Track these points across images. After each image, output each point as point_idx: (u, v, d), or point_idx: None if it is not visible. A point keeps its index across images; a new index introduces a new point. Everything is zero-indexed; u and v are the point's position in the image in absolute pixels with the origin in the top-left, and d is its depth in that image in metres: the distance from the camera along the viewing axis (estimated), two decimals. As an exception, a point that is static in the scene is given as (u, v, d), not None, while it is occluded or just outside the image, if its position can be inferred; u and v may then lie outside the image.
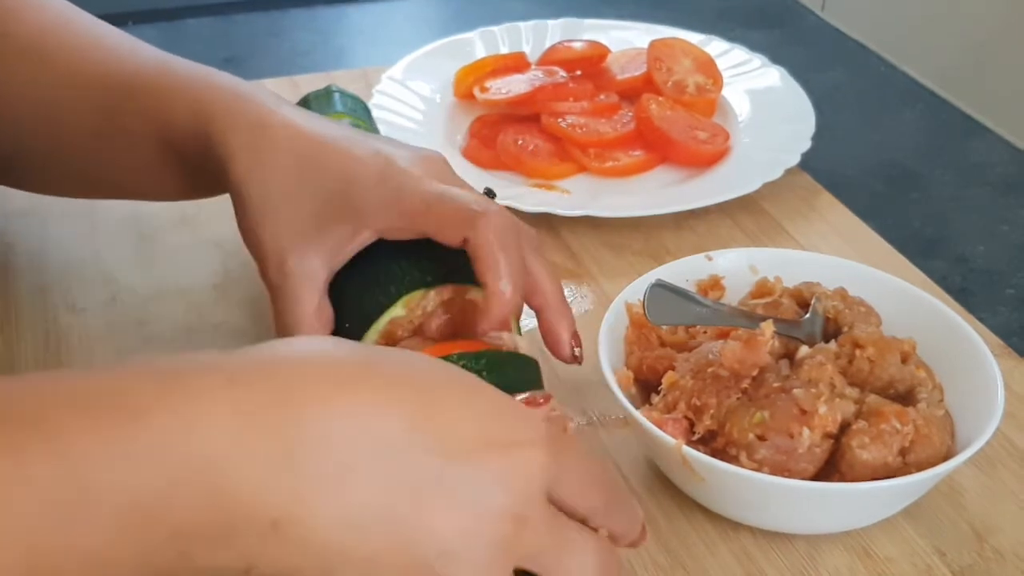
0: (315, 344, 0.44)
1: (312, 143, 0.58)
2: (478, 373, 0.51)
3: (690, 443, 0.57)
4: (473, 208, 0.55)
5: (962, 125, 1.00)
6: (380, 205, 0.56)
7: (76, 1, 0.69)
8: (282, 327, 0.57)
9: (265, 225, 0.57)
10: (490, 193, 0.59)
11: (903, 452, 0.57)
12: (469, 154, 0.89)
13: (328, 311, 0.57)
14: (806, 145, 0.88)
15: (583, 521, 0.45)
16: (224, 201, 0.64)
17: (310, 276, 0.56)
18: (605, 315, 0.64)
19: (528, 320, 0.72)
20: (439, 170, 0.59)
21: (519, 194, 0.83)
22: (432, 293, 0.58)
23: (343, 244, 0.57)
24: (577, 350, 0.60)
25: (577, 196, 0.85)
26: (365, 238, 0.57)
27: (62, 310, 0.73)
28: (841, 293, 0.65)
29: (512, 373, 0.55)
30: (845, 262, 0.70)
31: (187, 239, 0.80)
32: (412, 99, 0.94)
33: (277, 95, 0.62)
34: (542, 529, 0.42)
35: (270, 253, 0.57)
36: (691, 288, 0.67)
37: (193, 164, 0.61)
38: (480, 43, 1.02)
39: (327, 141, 0.58)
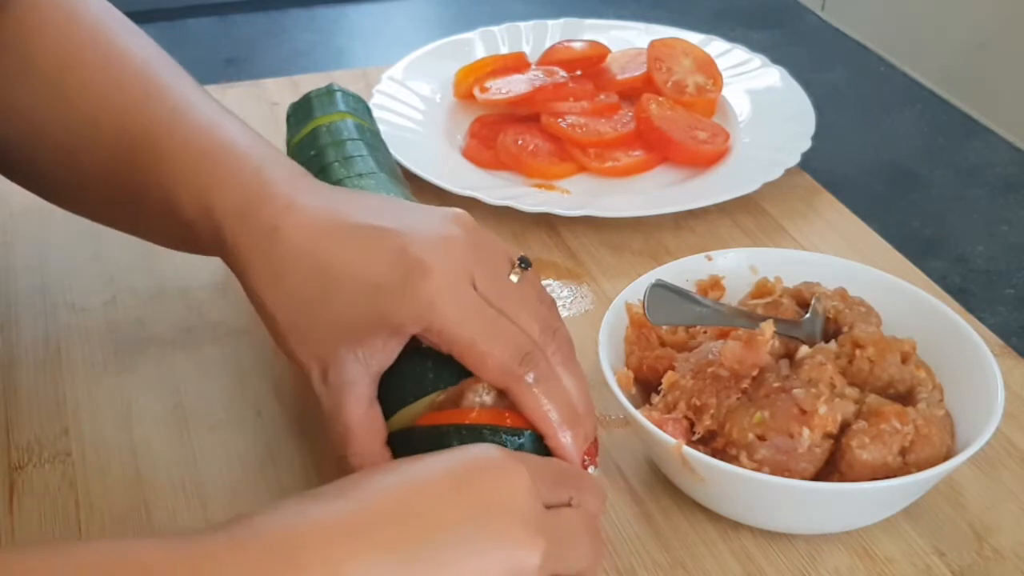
0: (302, 514, 0.43)
1: (330, 247, 0.54)
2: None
3: (690, 443, 0.57)
4: (515, 362, 0.52)
5: (962, 125, 1.00)
6: (412, 316, 0.52)
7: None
8: (333, 434, 0.55)
9: (296, 341, 0.55)
10: (524, 262, 0.56)
11: (903, 452, 0.57)
12: (469, 154, 0.89)
13: (377, 417, 0.54)
14: (806, 145, 0.88)
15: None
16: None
17: (352, 384, 0.54)
18: (605, 315, 0.64)
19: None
20: (466, 251, 0.54)
21: (519, 194, 0.83)
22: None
23: (379, 350, 0.54)
24: (591, 468, 0.55)
25: (577, 196, 0.85)
26: (402, 340, 0.54)
27: (62, 310, 0.73)
28: (841, 293, 0.65)
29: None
30: (845, 262, 0.70)
31: (187, 239, 0.80)
32: (412, 99, 0.94)
33: (291, 166, 0.58)
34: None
35: (309, 366, 0.55)
36: (691, 288, 0.67)
37: (200, 244, 0.58)
38: (480, 43, 1.02)
39: (345, 243, 0.54)
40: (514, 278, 0.55)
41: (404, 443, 0.54)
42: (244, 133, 0.59)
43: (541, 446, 0.53)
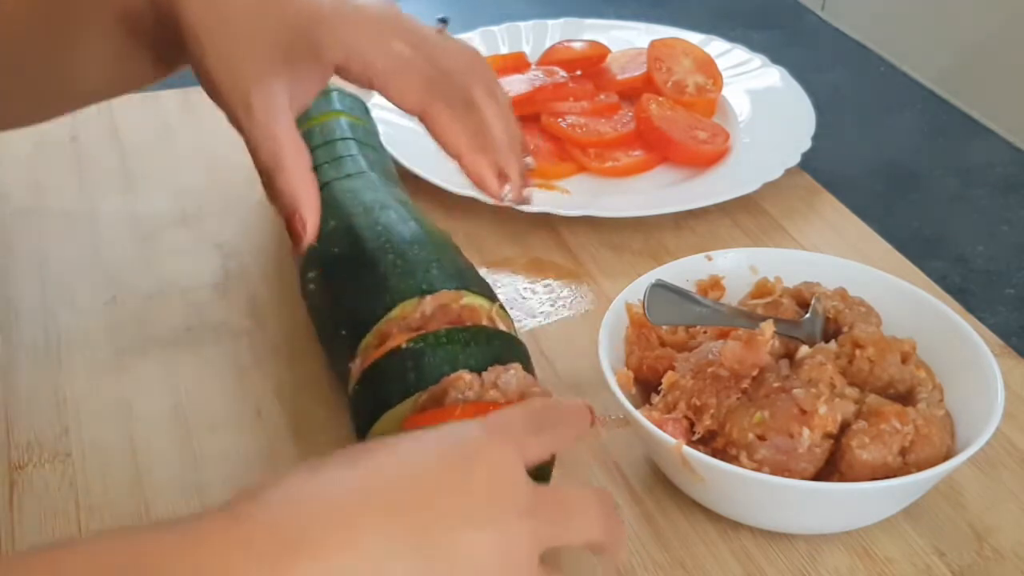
0: (311, 486, 0.44)
1: None
2: (464, 344, 0.55)
3: (690, 443, 0.57)
4: (427, 89, 0.57)
5: (962, 125, 1.00)
6: (337, 42, 0.56)
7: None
8: (260, 164, 0.57)
9: (224, 63, 0.56)
10: (444, 21, 0.62)
11: (903, 452, 0.57)
12: (469, 154, 0.89)
13: (300, 142, 0.57)
14: (806, 145, 0.88)
15: None
16: (225, 201, 0.64)
17: (278, 108, 0.56)
18: (605, 315, 0.64)
19: (527, 319, 0.72)
20: (388, 3, 0.59)
21: (519, 194, 0.83)
22: (428, 299, 0.59)
23: (305, 80, 0.57)
24: (507, 188, 0.59)
25: (577, 196, 0.85)
26: (324, 70, 0.58)
27: (62, 310, 0.73)
28: (841, 293, 0.65)
29: (499, 349, 0.57)
30: (845, 262, 0.70)
31: (187, 239, 0.80)
32: (412, 99, 0.94)
33: None
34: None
35: (232, 91, 0.56)
36: (691, 288, 0.67)
37: (150, 36, 0.60)
38: (480, 43, 1.01)
39: None
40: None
41: None
42: None
43: None
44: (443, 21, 0.63)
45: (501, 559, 0.43)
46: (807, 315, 0.63)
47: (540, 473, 0.55)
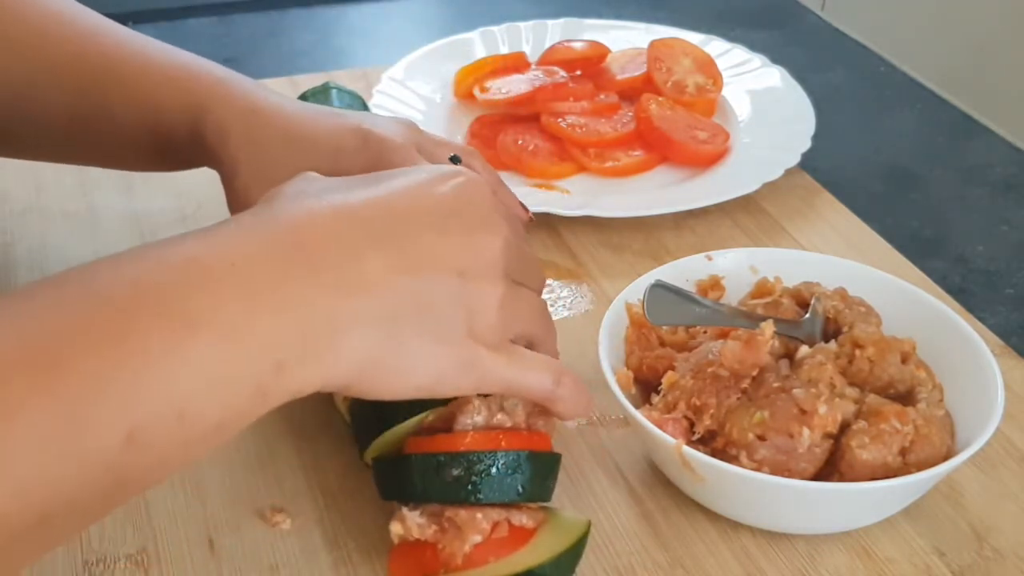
0: (325, 204, 0.49)
1: (299, 122, 0.65)
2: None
3: (690, 443, 0.57)
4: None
5: (962, 125, 1.00)
6: (364, 168, 0.61)
7: (80, -1, 0.69)
8: None
9: (257, 188, 0.61)
10: (455, 160, 0.66)
11: (903, 452, 0.57)
12: (469, 154, 0.89)
13: None
14: (806, 145, 0.88)
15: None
16: (224, 202, 0.64)
17: None
18: (605, 315, 0.64)
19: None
20: (413, 133, 0.66)
21: (519, 194, 0.83)
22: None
23: None
24: None
25: (577, 196, 0.85)
26: None
27: (62, 310, 0.73)
28: (841, 293, 0.65)
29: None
30: (845, 262, 0.70)
31: (187, 239, 0.80)
32: (412, 99, 0.94)
33: (257, 83, 0.67)
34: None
35: None
36: (691, 288, 0.67)
37: (175, 143, 0.66)
38: (480, 43, 1.02)
39: (312, 119, 0.65)
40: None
41: (403, 470, 0.54)
42: (206, 60, 0.68)
43: (536, 463, 0.54)
44: (455, 160, 0.69)
45: (472, 259, 0.49)
46: (807, 315, 0.63)
47: (543, 486, 0.55)
